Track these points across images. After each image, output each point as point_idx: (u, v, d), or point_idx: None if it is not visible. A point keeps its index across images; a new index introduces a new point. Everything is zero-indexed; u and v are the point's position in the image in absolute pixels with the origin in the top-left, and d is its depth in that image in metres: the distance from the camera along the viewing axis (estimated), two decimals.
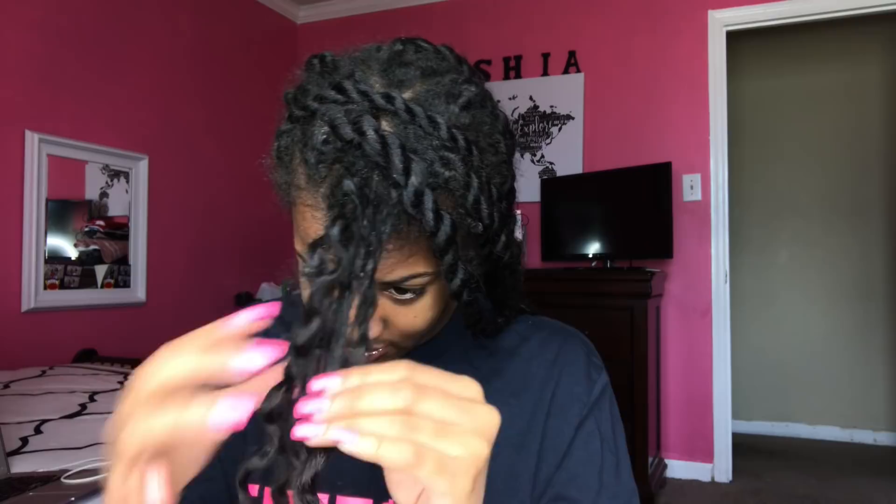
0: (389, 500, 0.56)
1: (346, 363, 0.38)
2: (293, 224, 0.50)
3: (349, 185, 0.42)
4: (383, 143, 0.42)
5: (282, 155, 0.50)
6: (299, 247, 0.49)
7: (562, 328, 0.64)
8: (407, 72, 0.48)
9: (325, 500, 0.58)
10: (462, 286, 0.48)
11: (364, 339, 0.39)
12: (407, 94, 0.47)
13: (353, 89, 0.45)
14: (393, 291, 0.48)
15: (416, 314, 0.50)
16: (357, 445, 0.34)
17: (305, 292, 0.51)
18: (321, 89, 0.47)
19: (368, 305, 0.39)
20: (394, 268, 0.46)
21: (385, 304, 0.49)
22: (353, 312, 0.39)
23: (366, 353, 0.52)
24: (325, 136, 0.45)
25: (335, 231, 0.40)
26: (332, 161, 0.44)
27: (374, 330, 0.49)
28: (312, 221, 0.46)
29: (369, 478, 0.56)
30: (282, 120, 0.51)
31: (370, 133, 0.43)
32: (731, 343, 3.27)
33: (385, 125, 0.44)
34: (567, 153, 3.53)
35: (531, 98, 3.61)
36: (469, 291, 0.49)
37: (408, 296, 0.49)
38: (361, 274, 0.39)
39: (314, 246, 0.40)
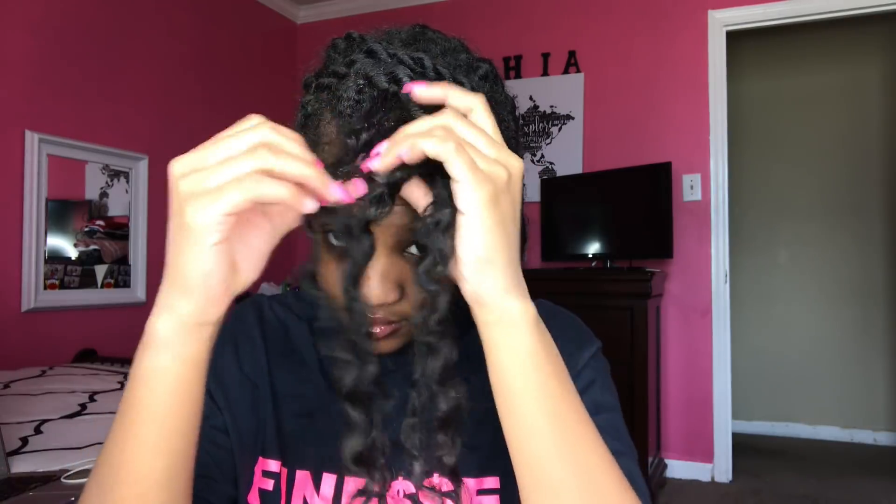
0: (398, 478, 0.57)
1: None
2: None
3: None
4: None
5: (308, 121, 0.51)
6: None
7: (554, 307, 0.66)
8: (428, 47, 0.51)
9: (332, 480, 0.58)
10: None
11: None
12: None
13: (384, 52, 0.47)
14: (416, 250, 0.49)
15: None
16: (408, 146, 0.39)
17: (323, 264, 0.52)
18: (351, 56, 0.49)
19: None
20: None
21: (403, 268, 0.50)
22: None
23: (377, 329, 0.51)
24: (360, 87, 0.46)
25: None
26: (368, 111, 0.45)
27: (391, 295, 0.49)
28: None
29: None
30: (301, 99, 0.52)
31: (407, 81, 0.44)
32: (731, 343, 3.27)
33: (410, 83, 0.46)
34: (567, 153, 3.52)
35: (531, 98, 3.61)
36: None
37: None
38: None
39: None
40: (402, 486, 0.57)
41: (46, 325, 2.68)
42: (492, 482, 0.58)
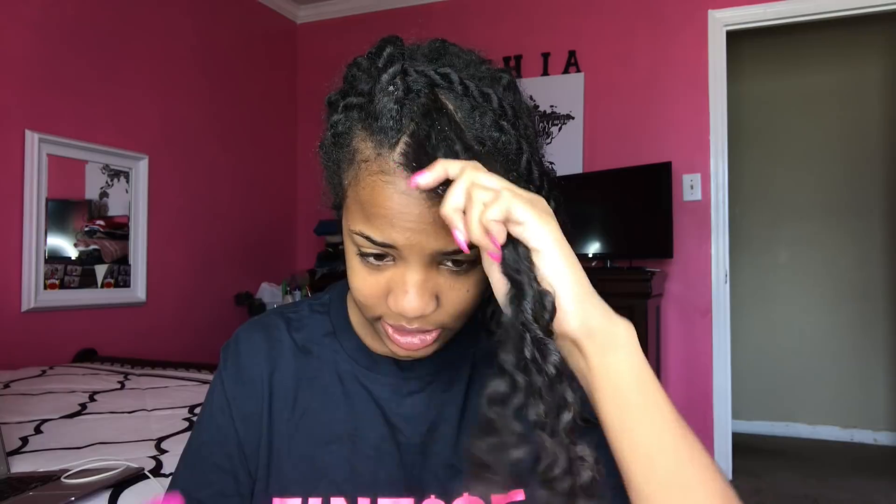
0: (430, 496, 0.58)
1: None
2: (351, 206, 0.51)
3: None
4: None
5: (339, 138, 0.52)
6: (360, 226, 0.50)
7: None
8: (451, 60, 0.52)
9: (366, 503, 0.59)
10: None
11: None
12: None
13: (411, 69, 0.48)
14: (450, 264, 0.51)
15: (468, 288, 0.52)
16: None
17: (358, 276, 0.52)
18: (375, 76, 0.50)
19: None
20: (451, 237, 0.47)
21: (440, 280, 0.51)
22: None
23: (418, 339, 0.53)
24: (398, 97, 0.48)
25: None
26: (404, 125, 0.47)
27: (430, 306, 0.51)
28: (384, 187, 0.48)
29: (408, 477, 0.58)
30: (329, 118, 0.53)
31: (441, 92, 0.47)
32: (731, 343, 3.27)
33: (443, 98, 0.48)
34: (567, 153, 3.52)
35: (531, 98, 3.61)
36: None
37: (464, 267, 0.51)
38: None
39: None
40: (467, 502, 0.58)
41: (46, 325, 2.68)
42: (518, 495, 0.59)
